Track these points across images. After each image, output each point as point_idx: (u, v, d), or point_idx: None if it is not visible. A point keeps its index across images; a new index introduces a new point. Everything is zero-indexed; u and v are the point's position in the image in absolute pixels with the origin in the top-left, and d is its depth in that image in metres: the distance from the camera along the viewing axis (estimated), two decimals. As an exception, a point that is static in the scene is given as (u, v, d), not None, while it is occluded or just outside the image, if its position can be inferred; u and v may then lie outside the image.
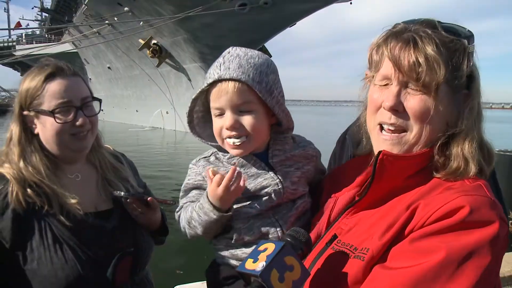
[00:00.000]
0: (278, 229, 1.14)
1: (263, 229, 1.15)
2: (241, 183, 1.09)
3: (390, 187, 0.97)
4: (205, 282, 1.30)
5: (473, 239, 0.80)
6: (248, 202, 1.16)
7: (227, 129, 1.12)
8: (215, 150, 1.24)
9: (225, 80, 1.08)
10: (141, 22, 21.14)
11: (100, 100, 1.45)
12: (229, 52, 1.14)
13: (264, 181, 1.15)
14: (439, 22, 0.96)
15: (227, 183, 1.07)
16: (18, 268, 1.25)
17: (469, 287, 0.77)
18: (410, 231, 0.86)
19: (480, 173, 0.95)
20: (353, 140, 1.35)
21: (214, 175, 1.09)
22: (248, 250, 1.13)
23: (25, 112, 1.34)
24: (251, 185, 1.15)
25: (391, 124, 0.97)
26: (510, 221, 4.45)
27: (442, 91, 0.93)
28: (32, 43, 43.43)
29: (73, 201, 1.31)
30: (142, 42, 23.89)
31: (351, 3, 23.54)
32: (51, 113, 1.31)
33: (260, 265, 0.80)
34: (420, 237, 0.84)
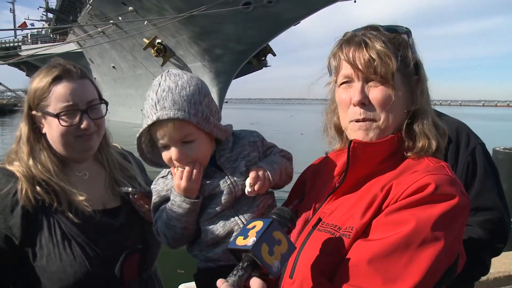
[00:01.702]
0: (240, 225, 1.20)
1: (227, 228, 1.21)
2: (197, 171, 1.19)
3: (364, 172, 1.08)
4: None
5: (437, 210, 0.91)
6: (209, 204, 1.23)
7: (175, 160, 1.19)
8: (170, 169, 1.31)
9: (164, 120, 1.13)
10: (146, 22, 21.17)
11: (107, 103, 1.46)
12: (159, 85, 1.17)
13: (215, 181, 1.22)
14: (380, 25, 1.12)
15: (188, 174, 1.18)
16: (27, 264, 1.26)
17: (437, 251, 0.89)
18: (386, 207, 0.97)
19: (438, 147, 1.08)
20: None
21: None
22: (219, 250, 1.21)
23: (33, 112, 1.36)
24: (206, 187, 1.22)
25: (362, 119, 1.08)
26: None
27: (397, 79, 1.06)
28: (37, 43, 43.75)
29: (81, 198, 1.33)
30: (147, 41, 24.00)
31: (355, 1, 23.44)
32: (56, 116, 1.32)
33: (250, 241, 0.85)
34: (393, 211, 0.95)
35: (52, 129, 1.35)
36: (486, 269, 1.76)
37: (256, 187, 1.18)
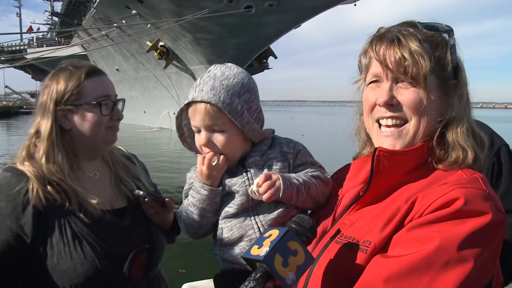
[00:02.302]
0: (256, 231, 1.17)
1: (242, 229, 1.19)
2: (221, 160, 1.19)
3: (390, 182, 1.01)
4: (211, 280, 1.35)
5: (466, 228, 0.82)
6: (228, 202, 1.22)
7: (202, 145, 1.21)
8: None
9: (198, 102, 1.16)
10: (149, 25, 21.25)
11: (124, 100, 1.52)
12: (208, 72, 1.21)
13: (236, 180, 1.21)
14: (418, 22, 1.03)
15: (208, 161, 1.18)
16: (39, 263, 1.28)
17: (463, 273, 0.79)
18: (409, 222, 0.90)
19: (475, 160, 0.98)
20: None
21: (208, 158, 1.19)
22: (234, 252, 1.20)
23: (60, 107, 1.36)
24: (227, 183, 1.22)
25: (389, 118, 1.01)
26: None
27: (431, 81, 0.98)
28: (43, 46, 44.24)
29: (92, 200, 1.35)
30: (150, 44, 24.07)
31: (355, 4, 23.59)
32: (98, 104, 1.37)
33: (264, 251, 0.81)
34: (417, 226, 0.87)
35: (86, 120, 1.37)
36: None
37: (262, 189, 1.12)
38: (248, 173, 1.21)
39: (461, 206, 0.84)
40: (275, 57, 30.68)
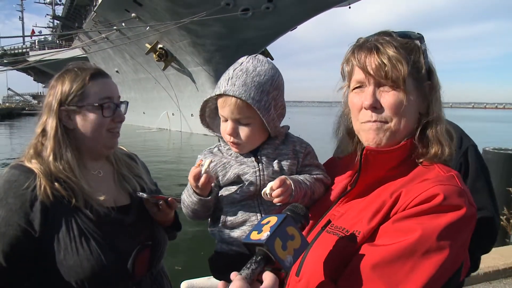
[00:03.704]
0: (259, 217, 1.24)
1: (245, 215, 1.25)
2: (203, 180, 1.20)
3: (375, 178, 1.10)
4: (210, 277, 1.45)
5: (444, 221, 0.92)
6: (234, 188, 1.27)
7: (227, 134, 1.27)
8: (219, 143, 1.38)
9: (229, 95, 1.21)
10: (148, 28, 21.51)
11: (127, 102, 1.53)
12: (240, 64, 1.24)
13: (246, 168, 1.26)
14: (393, 31, 1.12)
15: (192, 176, 1.20)
16: (46, 258, 1.30)
17: (441, 260, 0.90)
18: (394, 214, 0.98)
19: (450, 154, 1.08)
20: None
21: (199, 165, 1.22)
22: (234, 234, 1.25)
23: (64, 108, 1.39)
24: (236, 170, 1.27)
25: (374, 122, 1.09)
26: (505, 217, 4.68)
27: (409, 84, 1.06)
28: (45, 49, 44.61)
29: (99, 197, 1.38)
30: (149, 46, 24.23)
31: (349, 7, 23.89)
32: (100, 106, 1.39)
33: (264, 235, 0.86)
34: (401, 219, 0.96)
35: (87, 121, 1.39)
36: (476, 266, 1.81)
37: (275, 192, 1.16)
38: (260, 164, 1.27)
39: (440, 201, 0.93)
40: (272, 59, 30.93)
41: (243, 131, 1.25)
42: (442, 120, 1.11)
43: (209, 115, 1.38)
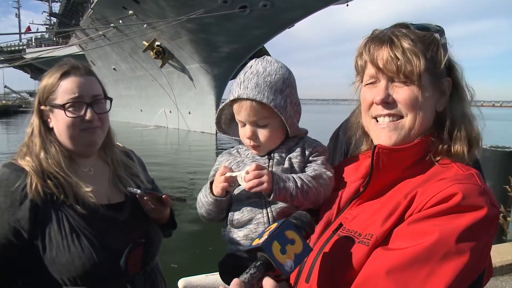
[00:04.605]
0: (264, 214, 1.22)
1: (251, 213, 1.23)
2: (223, 181, 1.23)
3: (389, 178, 1.04)
4: (208, 274, 1.47)
5: (463, 222, 0.85)
6: (242, 186, 1.24)
7: (247, 138, 1.28)
8: (239, 146, 1.39)
9: (244, 99, 1.21)
10: (145, 25, 21.51)
11: (111, 99, 1.50)
12: (250, 68, 1.25)
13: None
14: (411, 23, 1.07)
15: (219, 174, 1.23)
16: (38, 256, 1.30)
17: (460, 265, 0.83)
18: (409, 216, 0.92)
19: (472, 154, 1.03)
20: (346, 135, 1.44)
21: (225, 169, 1.23)
22: (241, 234, 1.24)
23: (42, 107, 1.41)
24: (247, 167, 1.25)
25: (386, 115, 1.04)
26: (501, 214, 4.74)
27: (425, 79, 1.00)
28: (41, 46, 44.45)
29: (86, 189, 1.37)
30: (146, 44, 24.27)
31: (347, 5, 23.96)
32: (62, 107, 1.37)
33: (263, 239, 0.86)
34: (416, 221, 0.90)
35: (59, 121, 1.39)
36: None
37: (248, 176, 1.15)
38: (271, 161, 1.28)
39: (459, 201, 0.87)
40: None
41: (262, 133, 1.26)
42: (469, 119, 1.05)
43: (224, 121, 1.40)
